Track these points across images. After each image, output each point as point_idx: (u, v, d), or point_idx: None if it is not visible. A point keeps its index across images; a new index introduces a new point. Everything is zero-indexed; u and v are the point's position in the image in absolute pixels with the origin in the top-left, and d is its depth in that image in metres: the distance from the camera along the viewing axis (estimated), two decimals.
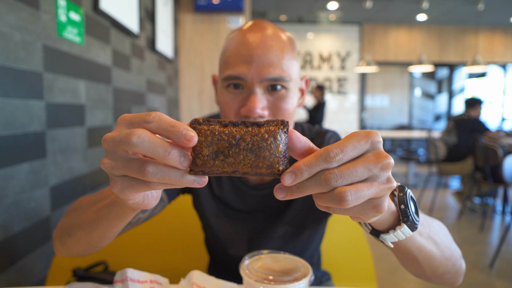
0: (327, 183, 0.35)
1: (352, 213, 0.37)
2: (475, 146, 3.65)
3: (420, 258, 0.54)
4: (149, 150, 0.34)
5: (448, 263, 0.58)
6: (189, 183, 0.36)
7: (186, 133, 0.33)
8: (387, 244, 0.48)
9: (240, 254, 0.84)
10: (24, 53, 1.07)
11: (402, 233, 0.47)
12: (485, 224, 3.61)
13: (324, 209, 0.38)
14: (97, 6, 1.54)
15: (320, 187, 0.35)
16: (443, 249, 0.56)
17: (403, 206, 0.48)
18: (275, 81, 0.71)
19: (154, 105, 2.53)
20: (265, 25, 0.75)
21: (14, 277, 1.05)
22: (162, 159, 0.34)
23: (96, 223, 0.55)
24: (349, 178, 0.35)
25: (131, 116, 0.36)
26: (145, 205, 0.41)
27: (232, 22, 3.33)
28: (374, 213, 0.37)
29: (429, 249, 0.54)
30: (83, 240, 0.60)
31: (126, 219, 0.50)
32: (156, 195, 0.43)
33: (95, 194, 0.63)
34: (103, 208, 0.53)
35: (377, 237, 0.49)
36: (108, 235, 0.57)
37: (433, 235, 0.55)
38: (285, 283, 0.55)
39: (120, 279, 0.63)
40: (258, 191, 0.84)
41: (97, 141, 1.60)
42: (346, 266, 1.13)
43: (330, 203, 0.36)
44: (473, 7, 6.03)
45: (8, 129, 1.01)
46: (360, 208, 0.37)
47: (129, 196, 0.38)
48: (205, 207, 0.87)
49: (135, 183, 0.37)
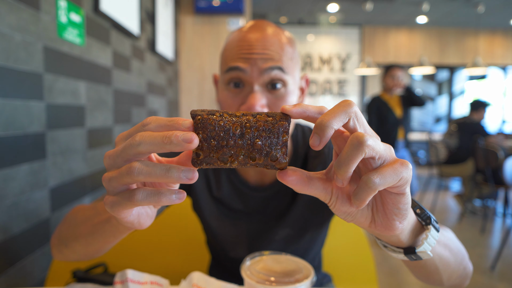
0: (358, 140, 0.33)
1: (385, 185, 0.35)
2: (475, 148, 3.65)
3: (440, 267, 0.53)
4: (152, 144, 0.34)
5: (460, 267, 0.57)
6: (173, 200, 0.36)
7: (184, 137, 0.33)
8: (427, 255, 0.45)
9: (241, 256, 0.83)
10: (25, 54, 1.07)
11: (432, 237, 0.45)
12: (486, 227, 3.60)
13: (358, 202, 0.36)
14: (98, 7, 1.54)
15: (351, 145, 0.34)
16: (456, 253, 0.55)
17: (419, 210, 0.47)
18: (275, 74, 0.70)
19: (154, 107, 2.53)
20: (265, 24, 0.76)
21: (14, 279, 1.05)
22: (165, 149, 0.34)
23: (92, 238, 0.55)
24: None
25: (127, 131, 0.37)
26: (140, 224, 0.41)
27: (233, 24, 3.33)
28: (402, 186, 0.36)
29: (446, 255, 0.53)
30: (79, 251, 0.60)
31: (121, 236, 0.50)
32: (151, 214, 0.43)
33: (91, 208, 0.63)
34: (98, 225, 0.53)
35: (414, 254, 0.45)
36: (103, 249, 0.57)
37: (447, 241, 0.54)
38: (286, 285, 0.55)
39: (120, 280, 0.62)
40: (259, 193, 0.83)
41: (97, 143, 1.60)
42: (347, 269, 1.12)
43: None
44: (473, 9, 6.04)
45: (8, 129, 1.00)
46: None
47: (120, 214, 0.38)
48: (205, 209, 0.86)
49: (122, 199, 0.37)
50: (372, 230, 0.41)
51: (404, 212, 0.38)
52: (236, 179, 0.84)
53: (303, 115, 0.36)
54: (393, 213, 0.38)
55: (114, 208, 0.37)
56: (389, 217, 0.38)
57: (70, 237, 0.62)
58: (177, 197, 0.36)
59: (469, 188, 3.96)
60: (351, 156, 0.33)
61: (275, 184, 0.83)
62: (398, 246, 0.47)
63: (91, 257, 0.61)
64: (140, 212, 0.41)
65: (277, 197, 0.83)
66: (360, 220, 0.40)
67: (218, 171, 0.86)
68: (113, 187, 0.37)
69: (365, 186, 0.34)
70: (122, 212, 0.37)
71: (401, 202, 0.37)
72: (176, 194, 0.36)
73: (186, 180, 0.35)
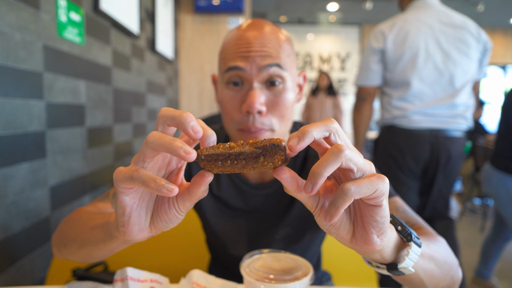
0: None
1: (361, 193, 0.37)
2: (475, 147, 3.65)
3: (425, 280, 0.54)
4: (160, 144, 0.37)
5: (447, 277, 0.59)
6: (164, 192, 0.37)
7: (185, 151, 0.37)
8: (409, 270, 0.47)
9: (241, 254, 0.83)
10: (24, 53, 1.07)
11: (414, 253, 0.47)
12: (485, 225, 3.60)
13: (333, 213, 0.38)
14: (98, 6, 1.54)
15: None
16: (442, 265, 0.57)
17: (400, 227, 0.48)
18: (273, 71, 0.71)
19: (154, 106, 2.53)
20: (263, 23, 0.76)
21: (14, 277, 1.05)
22: (173, 143, 0.37)
23: (87, 240, 0.56)
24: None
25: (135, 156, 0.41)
26: (129, 223, 0.42)
27: (232, 23, 3.33)
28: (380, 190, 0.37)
29: (430, 268, 0.54)
30: (76, 253, 0.61)
31: (112, 244, 0.50)
32: (143, 224, 0.43)
33: (95, 212, 0.64)
34: (96, 227, 0.54)
35: (397, 270, 0.47)
36: (94, 255, 0.57)
37: (433, 253, 0.55)
38: (285, 282, 0.55)
39: (120, 278, 0.63)
40: (259, 191, 0.84)
41: (97, 142, 1.60)
42: (347, 266, 1.12)
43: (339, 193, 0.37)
44: (473, 8, 6.04)
45: (8, 128, 1.01)
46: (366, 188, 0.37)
47: (119, 184, 0.39)
48: (205, 207, 0.87)
49: (127, 171, 0.39)
50: (354, 246, 0.42)
51: (382, 225, 0.40)
52: (236, 177, 0.84)
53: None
54: (371, 225, 0.40)
55: (118, 177, 0.39)
56: (367, 230, 0.40)
57: (69, 238, 0.62)
58: (167, 188, 0.36)
59: (468, 186, 3.96)
60: (328, 163, 0.36)
61: (275, 182, 0.83)
62: (382, 263, 0.48)
63: (86, 261, 0.61)
64: (134, 209, 0.42)
65: (277, 196, 0.83)
66: (343, 234, 0.42)
67: None
68: (134, 161, 0.40)
69: (341, 193, 0.36)
70: (122, 183, 0.39)
71: (378, 214, 0.39)
72: (167, 186, 0.36)
73: (184, 154, 0.36)
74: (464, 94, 1.79)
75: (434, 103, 1.77)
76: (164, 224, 0.44)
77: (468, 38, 1.75)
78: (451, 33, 1.76)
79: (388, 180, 0.38)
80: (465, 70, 1.77)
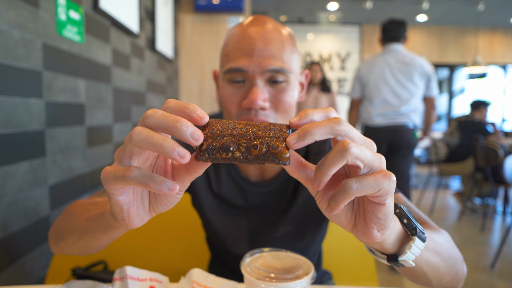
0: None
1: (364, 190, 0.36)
2: (476, 147, 3.65)
3: (428, 272, 0.54)
4: (160, 123, 0.36)
5: (452, 271, 0.58)
6: (163, 189, 0.36)
7: (192, 132, 0.35)
8: (409, 264, 0.47)
9: (241, 252, 0.83)
10: (24, 51, 1.07)
11: (416, 247, 0.46)
12: (486, 225, 3.60)
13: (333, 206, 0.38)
14: (97, 5, 1.54)
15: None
16: (447, 259, 0.56)
17: (406, 220, 0.47)
18: (276, 72, 0.71)
19: (154, 105, 2.53)
20: (265, 19, 0.75)
21: (13, 276, 1.05)
22: (171, 132, 0.35)
23: (84, 232, 0.55)
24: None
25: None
26: (129, 218, 0.41)
27: (232, 22, 3.33)
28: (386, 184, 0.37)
29: (435, 261, 0.54)
30: (73, 245, 0.60)
31: (111, 233, 0.49)
32: (142, 214, 0.42)
33: (89, 202, 0.63)
34: (92, 219, 0.53)
35: (397, 262, 0.47)
36: (94, 246, 0.56)
37: (437, 247, 0.55)
38: (286, 281, 0.55)
39: (120, 277, 0.62)
40: (259, 188, 0.83)
41: (96, 141, 1.59)
42: (347, 266, 1.12)
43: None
44: (473, 7, 6.04)
45: (7, 127, 1.00)
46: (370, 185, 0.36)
47: (111, 186, 0.37)
48: (205, 205, 0.86)
49: (117, 171, 0.37)
50: (355, 234, 0.42)
51: (383, 222, 0.39)
52: (236, 175, 0.84)
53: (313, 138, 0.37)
54: (372, 221, 0.39)
55: (108, 178, 0.37)
56: (368, 224, 0.40)
57: (65, 230, 0.61)
58: (168, 187, 0.35)
59: (469, 186, 3.96)
60: (333, 161, 0.35)
61: (275, 180, 0.82)
62: (383, 253, 0.48)
63: (84, 253, 0.61)
64: (132, 204, 0.41)
65: (277, 193, 0.83)
66: (344, 223, 0.42)
67: (218, 167, 0.86)
68: (118, 157, 0.37)
69: (342, 190, 0.36)
70: (113, 185, 0.37)
71: (380, 212, 0.38)
72: (167, 184, 0.35)
73: (177, 158, 0.34)
74: (408, 105, 2.75)
75: (388, 109, 2.78)
76: (164, 207, 0.43)
77: (413, 71, 2.73)
78: (402, 68, 2.75)
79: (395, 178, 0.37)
80: (410, 90, 2.75)
